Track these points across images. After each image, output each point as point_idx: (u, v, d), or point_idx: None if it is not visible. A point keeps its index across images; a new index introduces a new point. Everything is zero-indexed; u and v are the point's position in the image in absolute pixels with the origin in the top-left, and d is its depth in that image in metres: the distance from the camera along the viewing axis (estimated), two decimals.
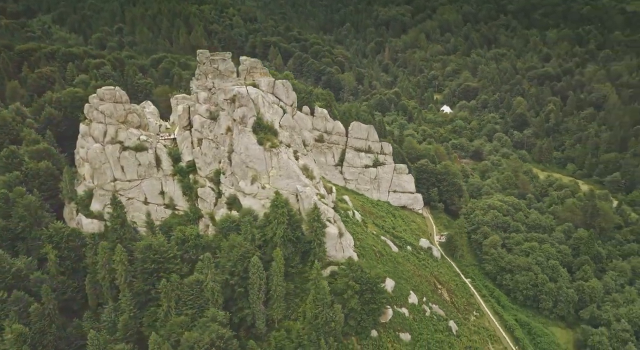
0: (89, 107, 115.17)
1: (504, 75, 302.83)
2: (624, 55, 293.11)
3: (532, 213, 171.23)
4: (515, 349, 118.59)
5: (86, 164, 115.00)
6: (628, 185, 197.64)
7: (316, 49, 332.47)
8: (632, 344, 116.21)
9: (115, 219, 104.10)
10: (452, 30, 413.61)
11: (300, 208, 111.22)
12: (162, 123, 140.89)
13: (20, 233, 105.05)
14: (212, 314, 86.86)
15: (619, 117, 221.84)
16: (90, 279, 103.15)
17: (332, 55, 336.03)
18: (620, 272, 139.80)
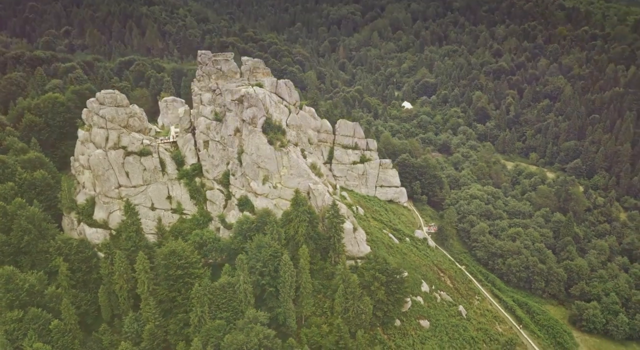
0: (87, 112, 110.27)
1: (461, 71, 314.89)
2: (570, 48, 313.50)
3: (511, 201, 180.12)
4: (520, 327, 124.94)
5: (86, 172, 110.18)
6: (588, 170, 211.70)
7: (275, 49, 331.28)
8: (622, 314, 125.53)
9: (130, 226, 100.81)
10: (402, 28, 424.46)
11: (312, 205, 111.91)
12: (152, 126, 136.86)
13: (24, 247, 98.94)
14: (252, 315, 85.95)
15: (575, 108, 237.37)
16: (104, 290, 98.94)
17: (291, 54, 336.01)
18: (600, 250, 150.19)
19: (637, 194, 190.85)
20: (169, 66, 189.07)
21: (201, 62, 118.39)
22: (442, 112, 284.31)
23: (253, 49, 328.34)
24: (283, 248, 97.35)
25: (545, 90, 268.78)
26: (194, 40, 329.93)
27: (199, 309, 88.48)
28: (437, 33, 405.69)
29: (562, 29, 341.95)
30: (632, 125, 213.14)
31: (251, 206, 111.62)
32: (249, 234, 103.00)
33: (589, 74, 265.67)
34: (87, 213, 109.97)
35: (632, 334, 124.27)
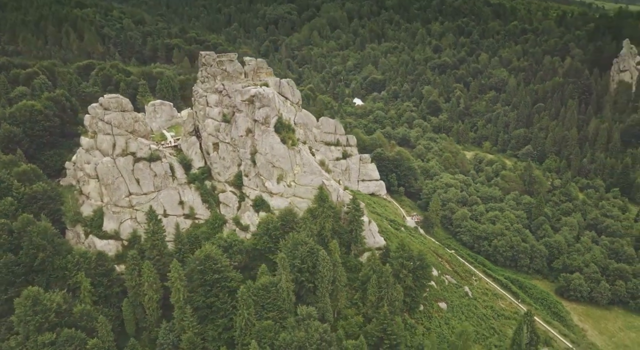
0: (91, 118, 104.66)
1: (407, 67, 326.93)
2: (504, 43, 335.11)
3: (481, 187, 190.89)
4: (518, 301, 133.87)
5: (92, 181, 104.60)
6: (540, 155, 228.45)
7: (222, 50, 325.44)
8: (604, 282, 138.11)
9: (155, 235, 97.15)
10: (341, 27, 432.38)
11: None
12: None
13: (37, 265, 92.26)
14: (305, 311, 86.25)
15: (521, 98, 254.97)
16: (129, 303, 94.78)
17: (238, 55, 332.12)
18: (571, 227, 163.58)
19: (587, 174, 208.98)
20: (136, 70, 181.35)
21: (205, 63, 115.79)
22: (395, 107, 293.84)
23: (199, 50, 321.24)
24: (317, 244, 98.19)
25: (490, 83, 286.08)
26: (135, 43, 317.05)
27: (246, 312, 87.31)
28: (375, 31, 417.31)
29: (494, 24, 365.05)
30: (576, 111, 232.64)
31: (267, 206, 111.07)
32: (274, 233, 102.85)
33: (528, 66, 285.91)
34: (95, 225, 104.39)
35: (613, 299, 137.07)
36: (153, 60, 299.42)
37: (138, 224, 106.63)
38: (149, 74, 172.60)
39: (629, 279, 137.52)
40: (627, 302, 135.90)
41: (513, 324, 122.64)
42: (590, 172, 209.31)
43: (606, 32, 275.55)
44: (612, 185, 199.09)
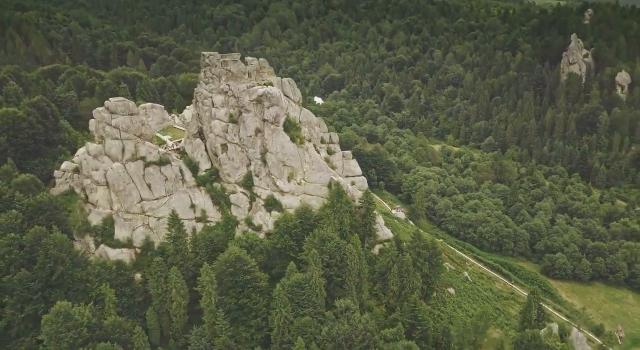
0: (97, 123, 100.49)
1: (364, 65, 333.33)
2: (454, 39, 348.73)
3: (456, 178, 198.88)
4: (512, 283, 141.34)
5: (100, 189, 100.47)
6: (501, 146, 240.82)
7: (179, 51, 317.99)
8: (584, 259, 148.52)
9: (178, 240, 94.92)
10: (291, 27, 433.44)
11: None
12: None
13: (56, 280, 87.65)
14: (344, 304, 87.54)
15: (480, 92, 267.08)
16: (154, 312, 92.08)
17: (194, 56, 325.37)
18: (546, 211, 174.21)
19: (548, 162, 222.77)
20: (109, 74, 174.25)
21: (210, 63, 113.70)
22: (357, 105, 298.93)
23: (154, 52, 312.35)
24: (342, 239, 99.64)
25: (447, 78, 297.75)
26: (85, 47, 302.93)
27: (283, 310, 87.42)
28: (327, 30, 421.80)
29: (442, 21, 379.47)
30: (532, 103, 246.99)
31: (279, 205, 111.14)
32: (294, 232, 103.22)
33: (482, 61, 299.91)
34: (107, 234, 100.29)
35: (594, 275, 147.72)
36: (106, 64, 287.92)
37: (151, 231, 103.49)
38: (123, 77, 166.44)
39: (607, 255, 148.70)
40: (607, 277, 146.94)
41: (512, 304, 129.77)
42: (551, 160, 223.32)
43: (552, 27, 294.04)
44: (572, 171, 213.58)
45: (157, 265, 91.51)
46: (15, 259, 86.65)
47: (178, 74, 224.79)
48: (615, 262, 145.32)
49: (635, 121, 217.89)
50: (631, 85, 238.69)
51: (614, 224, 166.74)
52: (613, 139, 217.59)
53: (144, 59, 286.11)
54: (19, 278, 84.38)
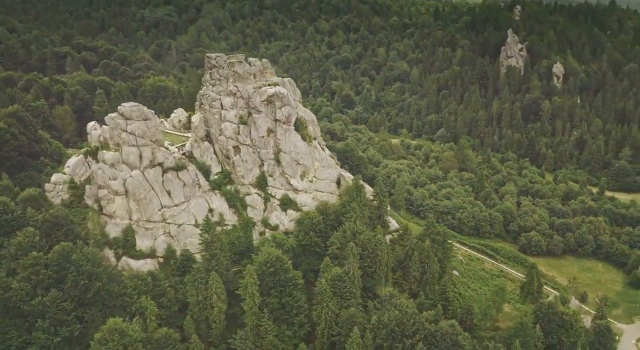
0: (111, 130, 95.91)
1: (310, 64, 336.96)
2: (392, 37, 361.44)
3: (424, 169, 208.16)
4: (498, 262, 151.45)
5: (118, 198, 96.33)
6: (453, 137, 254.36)
7: (120, 55, 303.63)
8: (555, 235, 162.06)
9: (213, 245, 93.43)
10: (227, 28, 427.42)
11: None
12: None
13: (92, 297, 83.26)
14: (388, 292, 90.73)
15: (428, 87, 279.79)
16: (193, 320, 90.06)
17: (136, 60, 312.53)
18: (511, 194, 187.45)
19: (499, 149, 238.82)
20: (74, 80, 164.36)
21: (217, 65, 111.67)
22: (309, 103, 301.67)
23: (93, 57, 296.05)
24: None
25: (394, 75, 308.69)
26: (18, 53, 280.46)
27: (330, 303, 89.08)
28: (264, 30, 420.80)
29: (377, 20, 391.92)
30: (478, 95, 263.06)
31: (294, 204, 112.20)
32: (318, 228, 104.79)
33: (425, 57, 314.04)
34: (128, 245, 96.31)
35: (565, 249, 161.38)
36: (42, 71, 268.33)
37: (172, 238, 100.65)
38: (91, 82, 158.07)
39: (574, 230, 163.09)
40: (576, 250, 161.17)
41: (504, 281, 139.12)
42: (501, 147, 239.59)
43: (486, 23, 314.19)
44: (521, 157, 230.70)
45: (196, 271, 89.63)
46: (43, 279, 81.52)
47: (122, 79, 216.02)
48: (582, 235, 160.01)
49: (572, 108, 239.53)
50: (565, 76, 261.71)
51: (572, 202, 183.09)
52: (555, 125, 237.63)
53: (84, 65, 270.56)
54: (51, 299, 79.71)
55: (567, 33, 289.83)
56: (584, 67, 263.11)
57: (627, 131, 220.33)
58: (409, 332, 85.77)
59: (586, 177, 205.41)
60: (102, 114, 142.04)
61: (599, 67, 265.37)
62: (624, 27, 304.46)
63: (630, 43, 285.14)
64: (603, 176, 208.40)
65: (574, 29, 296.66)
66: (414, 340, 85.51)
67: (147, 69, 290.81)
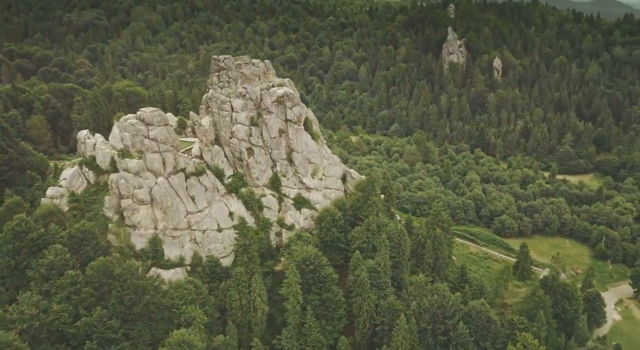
0: (132, 136, 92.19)
1: None
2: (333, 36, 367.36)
3: (391, 163, 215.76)
4: (480, 245, 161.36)
5: (142, 208, 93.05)
6: (406, 131, 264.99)
7: (59, 61, 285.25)
8: (524, 217, 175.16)
9: (250, 247, 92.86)
10: (161, 30, 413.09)
11: (351, 186, 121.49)
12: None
13: (140, 311, 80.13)
14: (420, 279, 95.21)
15: (377, 84, 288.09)
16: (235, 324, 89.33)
17: (77, 66, 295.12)
18: (476, 182, 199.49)
19: (451, 141, 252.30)
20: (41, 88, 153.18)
21: (225, 67, 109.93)
22: None
23: (29, 65, 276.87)
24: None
25: (342, 73, 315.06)
26: None
27: (372, 293, 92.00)
28: (201, 32, 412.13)
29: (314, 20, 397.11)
30: (427, 90, 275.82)
31: (307, 203, 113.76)
32: (339, 223, 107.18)
33: (370, 55, 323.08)
34: (158, 255, 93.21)
35: (533, 229, 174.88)
36: None
37: (197, 245, 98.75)
38: (60, 90, 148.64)
39: (539, 211, 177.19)
40: (543, 229, 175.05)
41: (491, 262, 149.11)
42: (453, 139, 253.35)
43: (424, 21, 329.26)
44: (473, 147, 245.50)
45: (239, 275, 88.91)
46: (85, 298, 77.51)
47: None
48: (548, 216, 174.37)
49: (515, 99, 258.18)
50: (504, 69, 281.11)
51: (530, 186, 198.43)
52: (501, 116, 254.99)
53: (23, 72, 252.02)
54: (98, 318, 75.93)
55: (500, 29, 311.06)
56: (520, 61, 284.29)
57: (565, 119, 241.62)
58: (449, 314, 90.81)
59: (533, 162, 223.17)
60: (81, 123, 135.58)
61: (532, 61, 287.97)
62: (547, 22, 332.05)
63: (555, 37, 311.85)
64: (550, 161, 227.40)
65: (505, 25, 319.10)
66: (454, 320, 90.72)
67: (89, 75, 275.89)
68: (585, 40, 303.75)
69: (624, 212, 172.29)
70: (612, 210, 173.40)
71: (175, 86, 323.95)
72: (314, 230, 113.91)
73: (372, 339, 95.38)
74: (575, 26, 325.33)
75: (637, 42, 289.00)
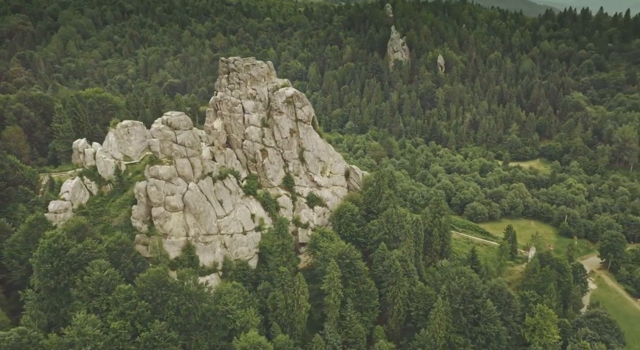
0: (161, 142, 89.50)
1: (201, 68, 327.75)
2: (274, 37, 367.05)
3: (359, 159, 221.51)
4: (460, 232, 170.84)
5: (174, 215, 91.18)
6: (361, 128, 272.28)
7: None
8: (492, 203, 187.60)
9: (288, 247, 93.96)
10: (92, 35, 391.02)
11: (354, 182, 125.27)
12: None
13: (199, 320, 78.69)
14: (446, 263, 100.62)
15: (328, 83, 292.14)
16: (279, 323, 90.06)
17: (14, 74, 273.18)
18: (441, 173, 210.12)
19: (406, 135, 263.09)
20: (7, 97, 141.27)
21: (235, 68, 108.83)
22: None
23: None
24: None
25: (291, 73, 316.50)
26: None
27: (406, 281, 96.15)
28: (136, 35, 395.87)
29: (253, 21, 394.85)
30: (378, 87, 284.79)
31: (319, 200, 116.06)
32: (357, 218, 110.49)
33: (316, 55, 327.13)
34: (193, 263, 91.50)
35: (502, 213, 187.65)
36: None
37: (226, 249, 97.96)
38: (31, 99, 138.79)
39: (505, 196, 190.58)
40: (509, 213, 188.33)
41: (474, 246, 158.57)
42: (408, 133, 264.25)
43: (365, 21, 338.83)
44: (427, 140, 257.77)
45: (283, 275, 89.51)
46: (142, 312, 75.31)
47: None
48: (512, 200, 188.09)
49: (461, 94, 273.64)
50: (447, 65, 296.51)
51: (489, 174, 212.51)
52: (449, 110, 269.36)
53: None
54: (158, 330, 74.36)
55: (438, 27, 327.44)
56: (461, 57, 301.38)
57: (508, 110, 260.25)
58: (478, 293, 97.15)
59: (487, 152, 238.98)
60: (63, 132, 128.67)
61: (470, 57, 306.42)
62: (477, 20, 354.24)
63: (486, 34, 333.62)
64: (499, 150, 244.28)
65: (441, 23, 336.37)
66: (481, 299, 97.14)
67: (29, 83, 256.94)
68: (514, 35, 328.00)
69: (577, 193, 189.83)
70: (567, 191, 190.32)
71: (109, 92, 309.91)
72: (328, 226, 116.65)
73: (406, 324, 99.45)
74: (502, 23, 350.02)
75: (561, 36, 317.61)
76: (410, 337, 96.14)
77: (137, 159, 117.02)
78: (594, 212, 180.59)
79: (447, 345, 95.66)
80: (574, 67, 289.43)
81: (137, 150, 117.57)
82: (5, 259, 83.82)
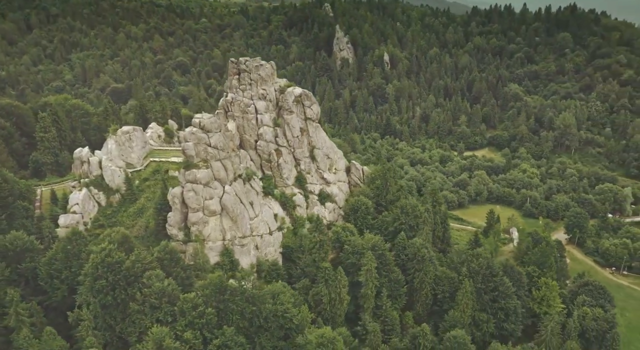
0: (194, 146, 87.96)
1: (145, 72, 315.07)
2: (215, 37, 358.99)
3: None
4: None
5: (212, 219, 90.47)
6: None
7: None
8: (461, 192, 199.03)
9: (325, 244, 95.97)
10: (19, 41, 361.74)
11: (356, 177, 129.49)
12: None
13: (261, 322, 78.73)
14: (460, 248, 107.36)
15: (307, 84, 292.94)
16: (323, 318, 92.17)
17: None
18: (407, 165, 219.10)
19: (361, 131, 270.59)
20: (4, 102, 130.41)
21: (246, 69, 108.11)
22: None
23: None
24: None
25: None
26: None
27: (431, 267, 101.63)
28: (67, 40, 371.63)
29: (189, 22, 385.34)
30: (330, 85, 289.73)
31: (329, 196, 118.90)
32: (371, 211, 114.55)
33: (264, 55, 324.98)
34: (234, 267, 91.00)
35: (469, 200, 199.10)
36: None
37: (258, 251, 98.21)
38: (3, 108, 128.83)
39: (470, 184, 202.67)
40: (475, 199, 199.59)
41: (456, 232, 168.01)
42: (363, 129, 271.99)
43: (307, 21, 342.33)
44: (383, 135, 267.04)
45: (327, 271, 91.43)
46: (211, 320, 74.40)
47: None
48: (477, 187, 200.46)
49: (410, 89, 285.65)
50: (392, 62, 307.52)
51: (448, 164, 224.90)
52: (400, 105, 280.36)
53: None
54: (228, 336, 73.86)
55: (378, 26, 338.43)
56: (404, 54, 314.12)
57: (454, 103, 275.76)
58: (496, 272, 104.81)
59: (443, 143, 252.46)
60: (50, 142, 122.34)
61: (411, 53, 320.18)
62: (411, 18, 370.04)
63: (421, 31, 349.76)
64: (451, 141, 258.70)
65: (380, 22, 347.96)
66: (499, 277, 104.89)
67: None
68: (448, 32, 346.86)
69: (532, 176, 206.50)
70: (523, 175, 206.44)
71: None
72: (338, 221, 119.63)
73: (432, 308, 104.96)
74: (435, 20, 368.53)
75: (491, 32, 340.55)
76: (437, 320, 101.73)
77: (139, 166, 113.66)
78: (550, 193, 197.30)
79: (472, 323, 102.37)
80: (506, 60, 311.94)
81: (139, 156, 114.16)
82: (42, 280, 78.79)
